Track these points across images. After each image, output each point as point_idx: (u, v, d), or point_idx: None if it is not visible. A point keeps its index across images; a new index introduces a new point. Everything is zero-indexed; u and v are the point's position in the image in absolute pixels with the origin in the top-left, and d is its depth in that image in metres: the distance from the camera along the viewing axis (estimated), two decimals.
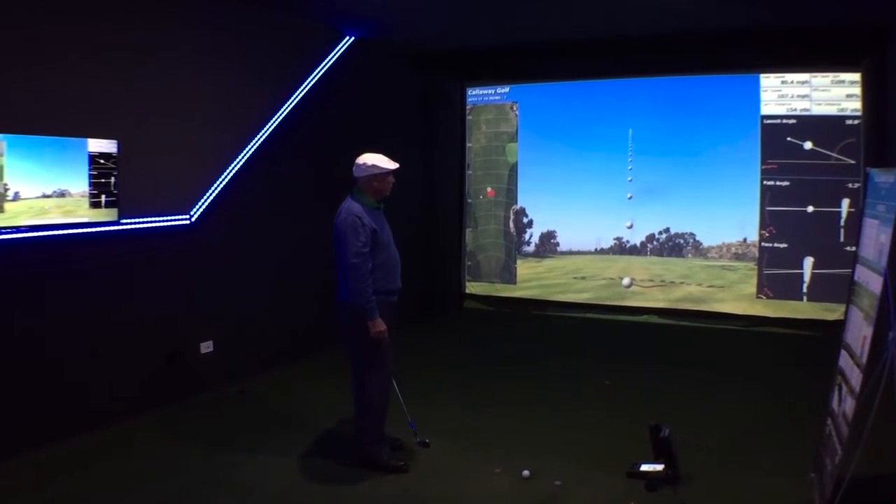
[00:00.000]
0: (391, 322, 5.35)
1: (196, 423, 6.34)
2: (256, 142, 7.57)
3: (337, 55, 8.62)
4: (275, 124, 7.78)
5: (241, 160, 7.39)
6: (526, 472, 5.20)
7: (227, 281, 7.35)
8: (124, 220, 6.19)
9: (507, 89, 10.97)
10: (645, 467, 5.10)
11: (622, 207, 10.32)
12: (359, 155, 5.31)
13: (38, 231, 5.52)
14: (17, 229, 5.37)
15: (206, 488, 5.06)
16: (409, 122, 10.46)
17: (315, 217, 7.95)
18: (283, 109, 7.88)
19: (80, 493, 4.96)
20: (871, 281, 4.25)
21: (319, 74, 8.37)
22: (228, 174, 7.27)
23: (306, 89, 8.19)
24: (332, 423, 6.14)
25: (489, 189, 11.19)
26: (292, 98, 8.01)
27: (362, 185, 5.30)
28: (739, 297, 9.66)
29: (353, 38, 8.77)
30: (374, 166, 5.24)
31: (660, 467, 5.03)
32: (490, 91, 11.10)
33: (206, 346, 7.17)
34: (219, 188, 7.18)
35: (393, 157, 5.35)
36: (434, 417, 6.30)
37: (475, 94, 11.21)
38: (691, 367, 7.94)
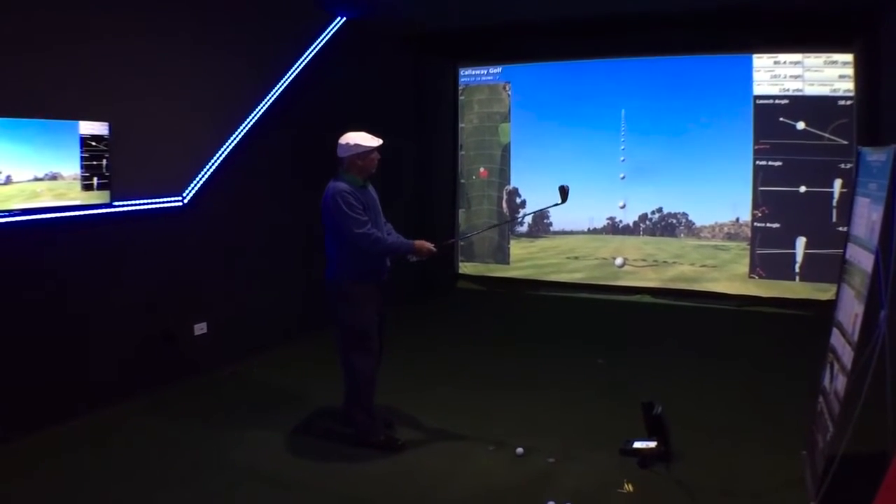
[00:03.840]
0: (380, 304, 5.39)
1: (190, 405, 6.36)
2: (248, 123, 7.54)
3: (328, 36, 8.57)
4: (266, 105, 7.75)
5: (232, 142, 7.37)
6: (519, 450, 5.24)
7: (220, 262, 7.35)
8: (117, 203, 6.17)
9: (499, 69, 10.95)
10: (638, 444, 5.13)
11: (615, 187, 10.33)
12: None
13: (30, 214, 5.50)
14: (10, 213, 5.35)
15: (201, 468, 5.09)
16: (401, 103, 10.44)
17: (307, 198, 7.93)
18: (274, 91, 7.84)
19: (74, 475, 4.98)
20: (862, 259, 4.26)
21: (311, 55, 8.32)
22: (220, 156, 7.25)
23: (297, 70, 8.14)
24: (326, 403, 6.16)
25: (482, 169, 11.18)
26: (284, 79, 7.96)
27: (347, 164, 5.30)
28: (732, 276, 9.69)
29: (344, 18, 8.72)
30: (357, 145, 5.24)
31: (652, 444, 5.08)
32: (482, 71, 11.07)
33: (200, 328, 7.17)
34: (211, 170, 7.15)
35: (385, 139, 5.34)
36: (428, 397, 6.34)
37: (467, 74, 11.18)
38: (684, 347, 7.97)
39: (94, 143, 5.86)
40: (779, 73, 9.17)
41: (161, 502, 4.66)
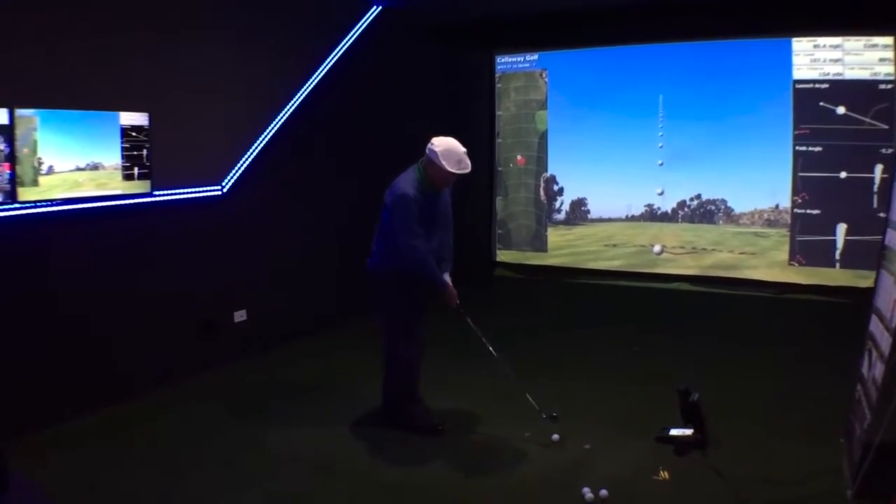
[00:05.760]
0: (426, 294, 5.44)
1: (230, 391, 6.47)
2: (286, 113, 7.60)
3: (364, 25, 8.59)
4: (303, 95, 7.80)
5: (270, 131, 7.44)
6: (555, 436, 5.26)
7: (259, 250, 7.43)
8: (157, 192, 6.26)
9: (535, 56, 10.89)
10: (674, 432, 5.13)
11: (653, 174, 10.25)
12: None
13: (72, 204, 5.61)
14: (52, 202, 5.46)
15: (241, 455, 5.18)
16: (437, 92, 10.42)
17: (343, 187, 8.03)
18: (311, 80, 7.89)
19: (116, 459, 5.10)
20: None
21: (347, 45, 8.35)
22: (259, 145, 7.33)
23: (334, 60, 8.18)
24: (365, 390, 6.19)
25: (519, 157, 11.16)
26: (320, 69, 8.01)
27: (425, 163, 5.23)
28: (772, 263, 9.58)
29: (379, 7, 8.74)
30: (437, 157, 5.10)
31: (689, 432, 5.07)
32: (519, 58, 11.02)
33: (240, 315, 7.26)
34: (249, 159, 7.24)
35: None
36: (464, 384, 6.38)
37: (504, 61, 11.13)
38: (722, 334, 7.94)
39: (134, 134, 5.94)
40: (818, 57, 9.00)
41: (199, 485, 4.75)
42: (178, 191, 6.54)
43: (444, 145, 5.13)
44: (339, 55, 8.24)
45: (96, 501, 4.54)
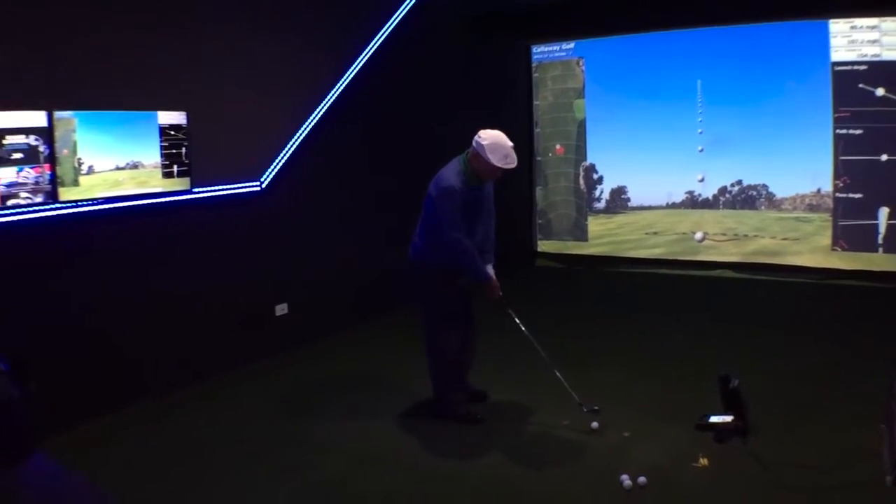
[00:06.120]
0: (466, 286, 5.47)
1: (273, 384, 6.54)
2: (323, 107, 7.65)
3: (398, 19, 8.60)
4: (339, 90, 7.84)
5: (308, 126, 7.49)
6: (594, 424, 5.26)
7: (298, 244, 7.50)
8: (196, 189, 6.36)
9: (572, 45, 10.85)
10: (714, 419, 5.10)
11: (693, 160, 10.17)
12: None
13: (112, 203, 5.72)
14: (93, 201, 5.57)
15: (282, 446, 5.24)
16: (474, 84, 10.40)
17: (381, 180, 8.05)
18: (347, 75, 7.92)
19: (158, 451, 5.21)
20: None
21: (382, 39, 8.37)
22: (297, 140, 7.38)
23: (370, 53, 8.21)
24: (406, 381, 6.25)
25: (558, 146, 11.14)
26: (356, 63, 8.03)
27: (471, 155, 5.18)
28: (814, 249, 9.45)
29: (414, 0, 8.77)
30: (484, 150, 5.04)
31: (729, 419, 5.04)
32: (555, 48, 10.99)
33: (282, 309, 7.34)
34: (287, 154, 7.29)
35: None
36: (505, 373, 6.40)
37: (540, 51, 11.12)
38: (764, 321, 7.85)
39: (172, 133, 6.04)
40: (856, 38, 8.82)
41: (240, 475, 4.83)
42: (217, 187, 6.62)
43: (492, 139, 5.07)
44: (374, 48, 8.26)
45: (139, 492, 4.62)
